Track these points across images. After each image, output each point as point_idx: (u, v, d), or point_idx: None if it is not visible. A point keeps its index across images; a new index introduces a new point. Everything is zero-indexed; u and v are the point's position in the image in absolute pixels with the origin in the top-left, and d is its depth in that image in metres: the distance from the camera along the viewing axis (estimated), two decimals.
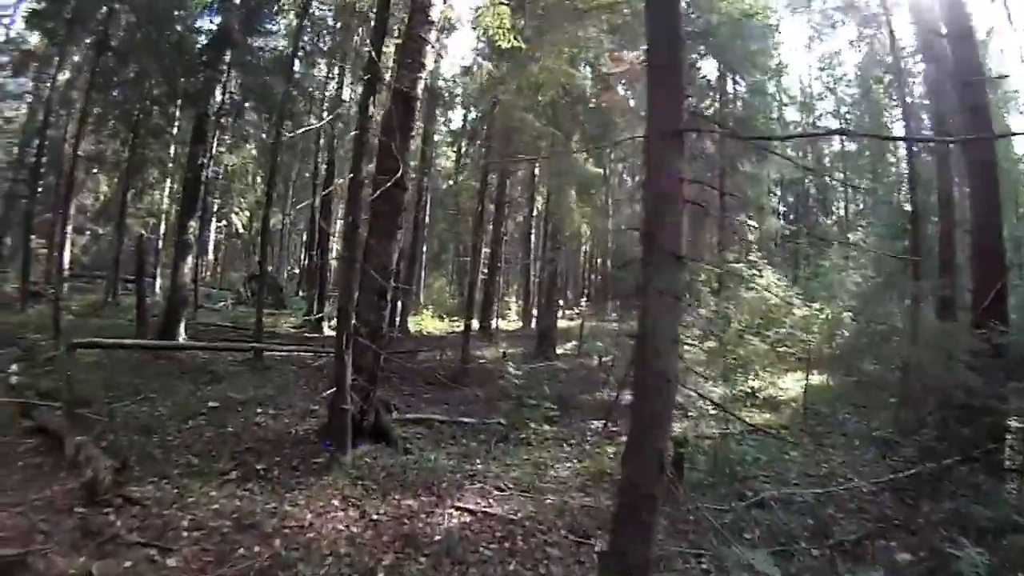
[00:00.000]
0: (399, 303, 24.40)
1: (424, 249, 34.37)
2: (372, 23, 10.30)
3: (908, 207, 15.80)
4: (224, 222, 36.78)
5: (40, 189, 23.35)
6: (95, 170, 27.00)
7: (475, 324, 26.02)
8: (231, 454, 8.61)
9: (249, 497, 7.22)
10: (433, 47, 10.83)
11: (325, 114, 25.55)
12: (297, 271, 42.43)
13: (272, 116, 22.90)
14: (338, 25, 23.63)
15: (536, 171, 27.13)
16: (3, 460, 7.93)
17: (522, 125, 16.60)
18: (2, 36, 25.24)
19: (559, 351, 21.45)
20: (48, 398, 10.07)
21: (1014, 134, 20.10)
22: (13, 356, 12.60)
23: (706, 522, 7.07)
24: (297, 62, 21.43)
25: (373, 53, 9.27)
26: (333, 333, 23.08)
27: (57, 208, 17.09)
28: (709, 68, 25.12)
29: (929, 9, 12.54)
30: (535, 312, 28.75)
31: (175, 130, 25.42)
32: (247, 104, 23.86)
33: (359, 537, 6.49)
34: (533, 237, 31.55)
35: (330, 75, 27.21)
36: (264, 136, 28.86)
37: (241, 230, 38.26)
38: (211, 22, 20.52)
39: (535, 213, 30.64)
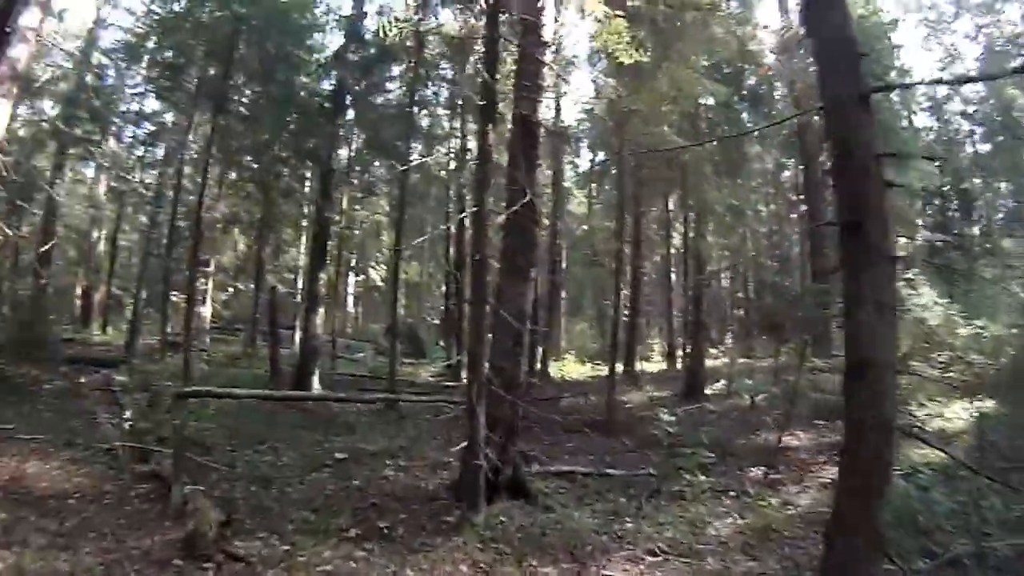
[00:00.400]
0: (539, 348, 23.65)
1: (563, 294, 33.60)
2: (484, 51, 9.43)
3: None
4: (362, 275, 37.33)
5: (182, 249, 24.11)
6: (234, 229, 27.81)
7: (618, 367, 24.86)
8: (353, 510, 7.82)
9: (367, 559, 6.35)
10: (551, 68, 9.99)
11: (452, 163, 25.37)
12: (436, 320, 42.52)
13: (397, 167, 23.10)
14: (452, 73, 23.12)
15: (671, 207, 25.89)
16: (110, 505, 7.53)
17: (653, 142, 15.37)
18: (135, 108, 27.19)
19: (707, 392, 19.80)
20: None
21: None
22: (143, 400, 12.54)
23: None
24: (416, 109, 21.18)
25: (487, 77, 8.39)
26: None
27: (193, 265, 17.30)
28: None
29: None
30: (679, 352, 27.27)
31: (306, 188, 25.99)
32: (373, 161, 24.10)
33: None
34: (673, 275, 30.15)
35: (453, 126, 26.89)
36: (392, 188, 29.19)
37: (379, 282, 38.82)
38: (329, 83, 20.65)
39: (672, 251, 29.28)
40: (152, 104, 26.19)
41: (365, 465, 10.05)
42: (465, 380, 21.08)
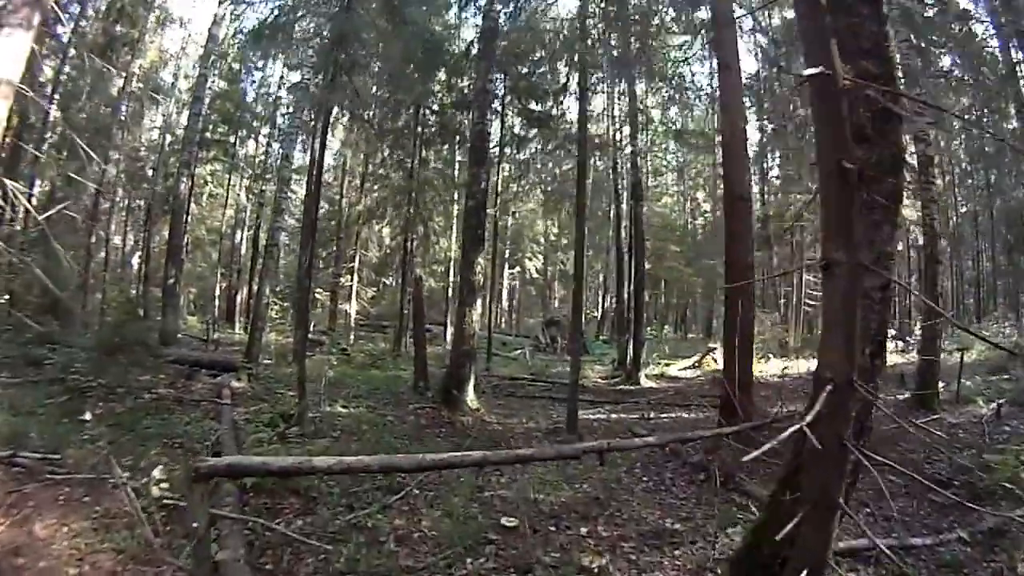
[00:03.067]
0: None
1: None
2: None
3: None
4: (517, 268, 34.16)
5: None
6: (380, 221, 25.68)
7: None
8: None
9: None
10: None
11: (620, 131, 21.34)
12: (597, 314, 38.87)
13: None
14: None
15: None
16: None
17: None
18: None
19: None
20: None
21: None
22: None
23: None
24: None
25: None
26: (652, 384, 18.76)
27: (309, 263, 13.56)
28: None
29: None
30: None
31: (456, 173, 23.94)
32: (528, 136, 20.66)
33: None
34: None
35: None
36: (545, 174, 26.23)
37: (535, 275, 35.72)
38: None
39: None
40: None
41: (548, 537, 6.02)
42: (644, 383, 17.43)
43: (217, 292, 30.64)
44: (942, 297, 18.07)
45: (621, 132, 21.95)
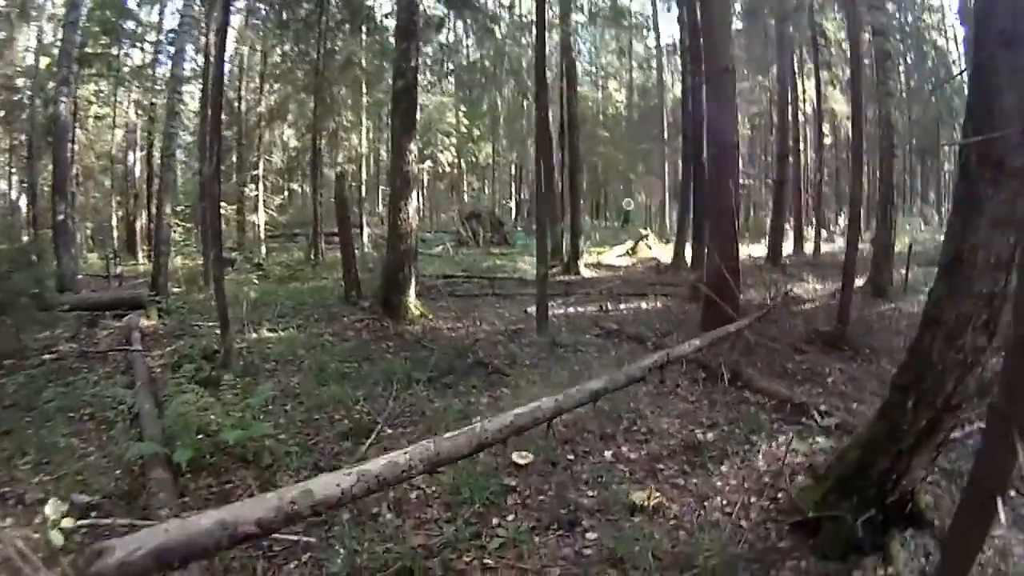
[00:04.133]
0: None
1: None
2: None
3: None
4: (428, 162, 32.28)
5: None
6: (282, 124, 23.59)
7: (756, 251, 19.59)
8: None
9: None
10: None
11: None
12: (512, 205, 38.00)
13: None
14: None
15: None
16: None
17: None
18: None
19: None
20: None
21: None
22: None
23: None
24: None
25: None
26: (593, 274, 17.66)
27: (214, 177, 10.94)
28: None
29: None
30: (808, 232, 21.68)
31: (362, 61, 21.60)
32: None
33: None
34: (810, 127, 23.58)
35: None
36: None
37: (447, 168, 34.02)
38: None
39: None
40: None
41: (572, 471, 4.87)
42: (584, 272, 16.42)
43: (115, 223, 27.84)
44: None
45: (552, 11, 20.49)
